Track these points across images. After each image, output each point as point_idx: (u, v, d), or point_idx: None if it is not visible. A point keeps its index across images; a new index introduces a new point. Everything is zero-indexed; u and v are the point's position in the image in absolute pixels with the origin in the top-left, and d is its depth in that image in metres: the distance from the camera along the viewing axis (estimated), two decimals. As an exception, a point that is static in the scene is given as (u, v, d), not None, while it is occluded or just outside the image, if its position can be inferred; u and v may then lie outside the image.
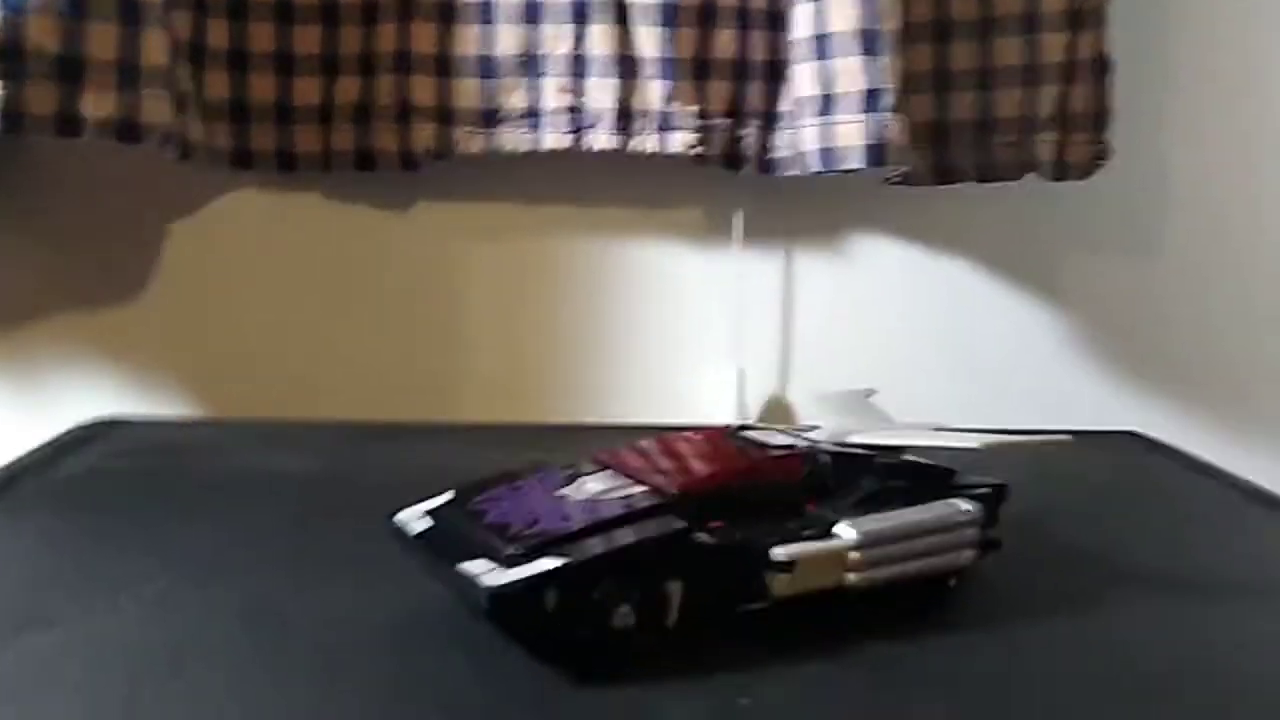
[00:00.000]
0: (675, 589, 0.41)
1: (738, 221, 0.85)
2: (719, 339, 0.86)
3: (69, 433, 0.73)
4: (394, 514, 0.46)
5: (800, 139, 0.75)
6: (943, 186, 0.83)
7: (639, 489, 0.44)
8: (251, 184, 0.83)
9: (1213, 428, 0.89)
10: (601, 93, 0.79)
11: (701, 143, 0.79)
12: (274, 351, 0.85)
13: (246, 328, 0.85)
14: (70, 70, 0.65)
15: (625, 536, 0.41)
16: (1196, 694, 0.41)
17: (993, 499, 0.49)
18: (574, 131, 0.80)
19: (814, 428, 0.52)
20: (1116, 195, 0.86)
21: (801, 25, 0.74)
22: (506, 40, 0.78)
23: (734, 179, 0.83)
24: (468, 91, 0.79)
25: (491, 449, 0.65)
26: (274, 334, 0.85)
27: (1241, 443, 0.88)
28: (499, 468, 0.48)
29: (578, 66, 0.79)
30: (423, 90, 0.79)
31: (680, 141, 0.79)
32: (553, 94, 0.79)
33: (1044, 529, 0.59)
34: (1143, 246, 0.88)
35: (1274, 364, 0.89)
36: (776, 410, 0.87)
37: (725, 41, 0.79)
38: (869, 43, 0.71)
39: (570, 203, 0.85)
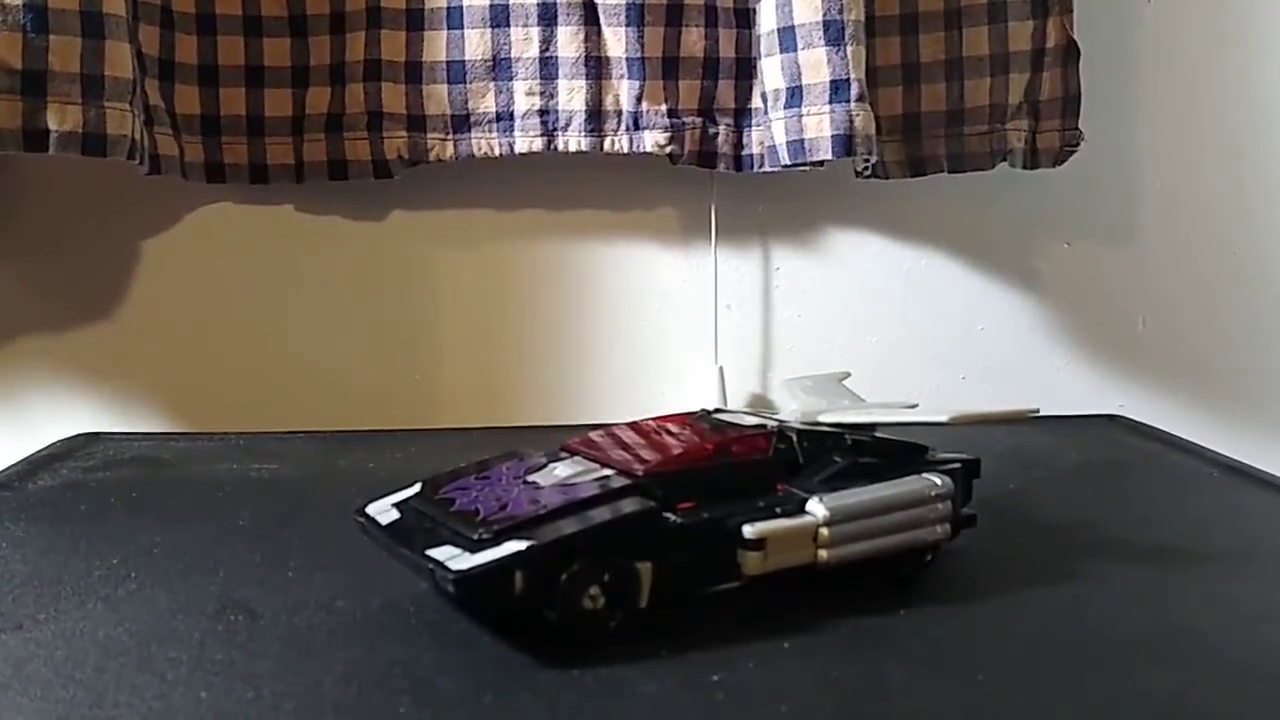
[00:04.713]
0: (645, 570, 0.41)
1: (713, 219, 0.85)
2: (698, 338, 0.86)
3: (47, 448, 0.73)
4: (363, 507, 0.46)
5: (769, 133, 0.76)
6: (915, 178, 0.83)
7: (608, 471, 0.44)
8: (225, 197, 0.83)
9: (1192, 410, 0.89)
10: (572, 94, 0.79)
11: (673, 141, 0.80)
12: (252, 364, 0.85)
13: (223, 341, 0.84)
14: (33, 84, 0.65)
15: (593, 518, 0.41)
16: (1165, 657, 0.41)
17: (965, 474, 0.49)
18: (546, 134, 0.80)
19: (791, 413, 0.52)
20: (1089, 182, 0.87)
21: (766, 19, 0.74)
22: (474, 44, 0.79)
23: (707, 177, 0.83)
24: (438, 97, 0.79)
25: (470, 452, 0.65)
26: (251, 346, 0.85)
27: (1221, 423, 0.88)
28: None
29: (547, 68, 0.79)
30: (393, 98, 0.79)
31: (652, 141, 0.79)
32: (523, 97, 0.79)
33: (1022, 507, 0.59)
34: (1117, 233, 0.88)
35: (1252, 346, 0.90)
36: (758, 407, 0.87)
37: (693, 40, 0.79)
38: (833, 33, 0.71)
39: (544, 206, 0.85)
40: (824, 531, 0.43)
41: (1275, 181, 0.88)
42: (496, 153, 0.80)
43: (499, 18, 0.78)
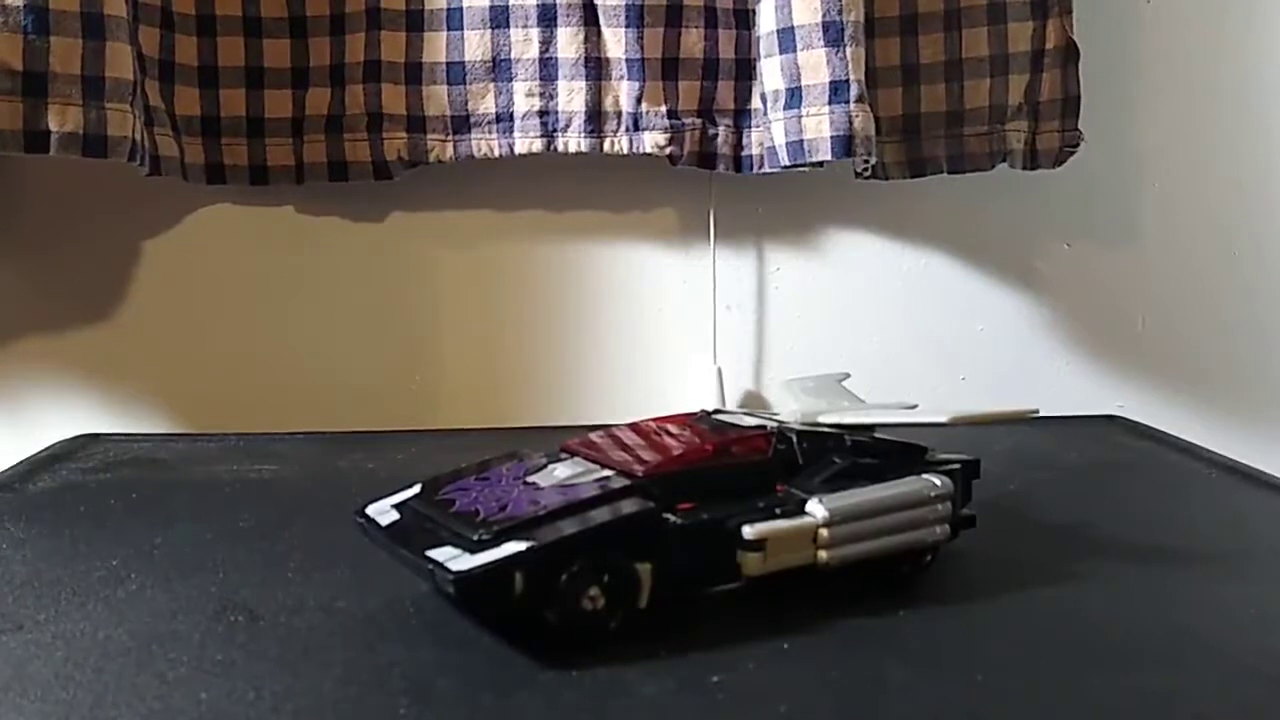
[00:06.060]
0: (645, 570, 0.41)
1: (712, 220, 0.85)
2: (697, 338, 0.86)
3: (47, 449, 0.73)
4: (363, 508, 0.46)
5: (769, 134, 0.76)
6: (915, 178, 0.83)
7: (608, 472, 0.44)
8: (225, 198, 0.83)
9: (1191, 410, 0.89)
10: (571, 95, 0.79)
11: (673, 142, 0.80)
12: (252, 365, 0.85)
13: (224, 342, 0.85)
14: (34, 85, 0.65)
15: (593, 519, 0.41)
16: (1165, 657, 0.41)
17: (965, 474, 0.49)
18: (545, 135, 0.80)
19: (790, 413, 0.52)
20: (1089, 182, 0.87)
21: (766, 20, 0.74)
22: (474, 45, 0.79)
23: (707, 178, 0.84)
24: (438, 98, 0.79)
25: (470, 452, 0.65)
26: (251, 347, 0.85)
27: (1220, 423, 0.88)
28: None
29: (546, 69, 0.79)
30: (393, 99, 0.79)
31: (651, 142, 0.79)
32: (522, 98, 0.79)
33: (1022, 507, 0.59)
34: (1117, 233, 0.88)
35: (1252, 346, 0.90)
36: (757, 408, 0.87)
37: (693, 41, 0.79)
38: (833, 34, 0.71)
39: (544, 207, 0.85)
40: (824, 532, 0.43)
41: (1275, 182, 0.88)
42: (496, 154, 0.80)
43: (499, 19, 0.78)
